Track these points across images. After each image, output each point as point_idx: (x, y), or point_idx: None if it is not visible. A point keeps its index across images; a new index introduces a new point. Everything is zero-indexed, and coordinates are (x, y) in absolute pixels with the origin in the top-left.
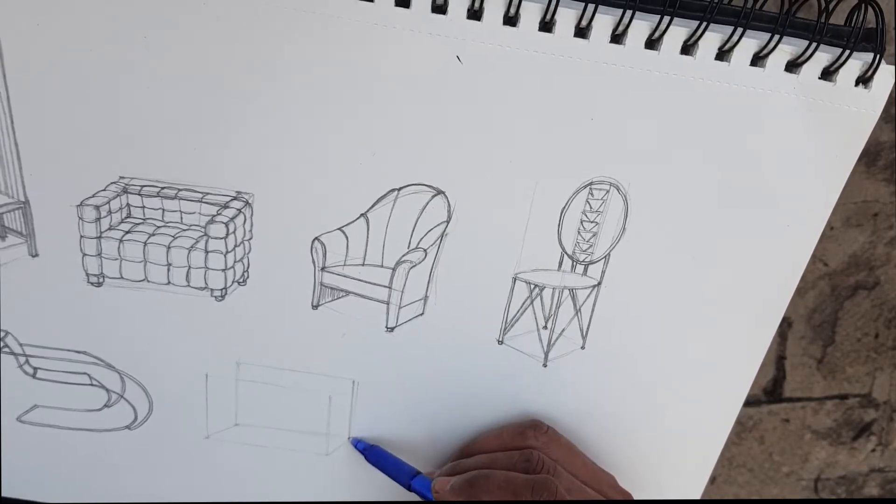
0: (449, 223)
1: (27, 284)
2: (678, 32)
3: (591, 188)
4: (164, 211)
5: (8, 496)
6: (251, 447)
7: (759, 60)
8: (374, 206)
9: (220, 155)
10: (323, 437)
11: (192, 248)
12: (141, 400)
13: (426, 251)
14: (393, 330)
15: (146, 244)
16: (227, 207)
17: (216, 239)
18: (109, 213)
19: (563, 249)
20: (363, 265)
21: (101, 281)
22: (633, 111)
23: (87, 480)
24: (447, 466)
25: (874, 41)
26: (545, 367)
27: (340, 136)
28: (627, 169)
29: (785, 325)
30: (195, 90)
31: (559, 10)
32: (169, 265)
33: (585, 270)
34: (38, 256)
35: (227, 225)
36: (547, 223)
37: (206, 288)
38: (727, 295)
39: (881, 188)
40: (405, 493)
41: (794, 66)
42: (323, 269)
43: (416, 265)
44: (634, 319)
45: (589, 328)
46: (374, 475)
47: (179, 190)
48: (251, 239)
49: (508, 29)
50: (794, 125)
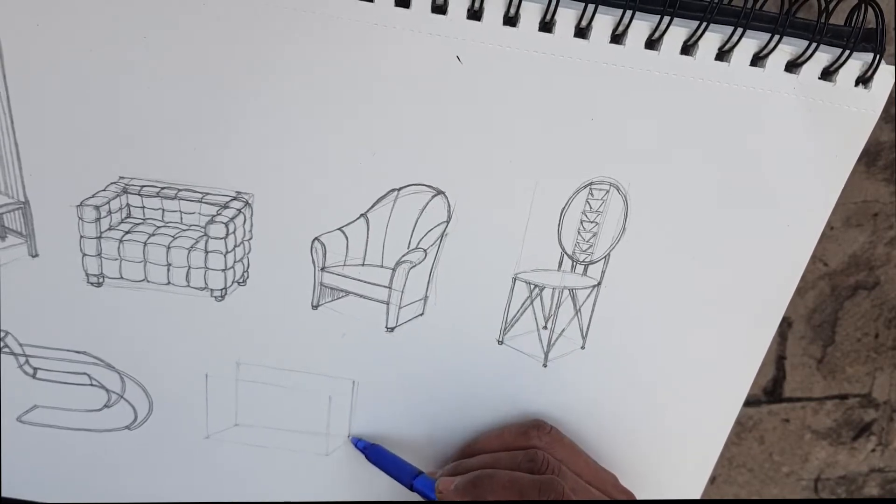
0: (449, 223)
1: (27, 284)
2: (678, 32)
3: (591, 188)
4: (164, 211)
5: (8, 496)
6: (251, 447)
7: (759, 60)
8: (374, 206)
9: (220, 155)
10: (323, 437)
11: (192, 248)
12: (141, 400)
13: (426, 251)
14: (393, 330)
15: (146, 244)
16: (227, 207)
17: (216, 239)
18: (109, 213)
19: (563, 249)
20: (363, 265)
21: (100, 281)
22: (633, 111)
23: (87, 480)
24: (449, 466)
25: (874, 41)
26: (545, 367)
27: (340, 136)
28: (627, 169)
29: (785, 325)
30: (195, 90)
31: (559, 10)
32: (169, 265)
33: (585, 270)
34: (38, 256)
35: (226, 225)
36: (547, 223)
37: (206, 288)
38: (727, 295)
39: (881, 188)
40: (405, 493)
41: (794, 66)
42: (323, 269)
43: (416, 265)
44: (634, 319)
45: (589, 328)
46: (374, 475)
47: (179, 190)
48: (251, 239)
49: (508, 29)
50: (794, 125)
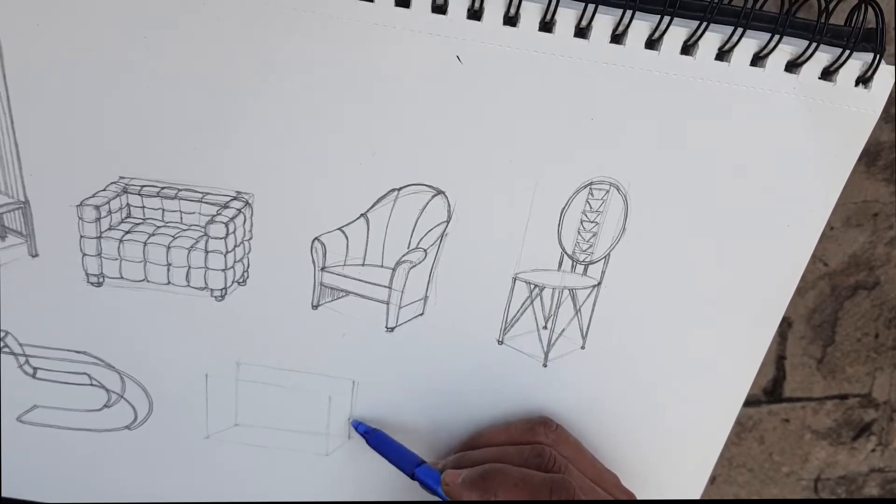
0: (449, 223)
1: (27, 284)
2: (678, 32)
3: (591, 188)
4: (164, 211)
5: (8, 496)
6: (251, 447)
7: (759, 60)
8: (374, 206)
9: (220, 155)
10: (323, 437)
11: (192, 248)
12: (141, 400)
13: (426, 251)
14: (393, 330)
15: (146, 244)
16: (227, 207)
17: (216, 239)
18: (109, 213)
19: (563, 249)
20: (363, 265)
21: (100, 281)
22: (633, 111)
23: (87, 480)
24: (453, 458)
25: (874, 41)
26: (545, 367)
27: (340, 136)
28: (627, 169)
29: (785, 325)
30: (195, 90)
31: (559, 10)
32: (169, 265)
33: (585, 270)
34: (38, 256)
35: (227, 225)
36: (547, 223)
37: (206, 288)
38: (727, 295)
39: (881, 188)
40: (405, 493)
41: (794, 66)
42: (323, 269)
43: (416, 265)
44: (634, 319)
45: (589, 328)
46: (374, 475)
47: (179, 190)
48: (251, 239)
49: (508, 29)
50: (794, 125)
